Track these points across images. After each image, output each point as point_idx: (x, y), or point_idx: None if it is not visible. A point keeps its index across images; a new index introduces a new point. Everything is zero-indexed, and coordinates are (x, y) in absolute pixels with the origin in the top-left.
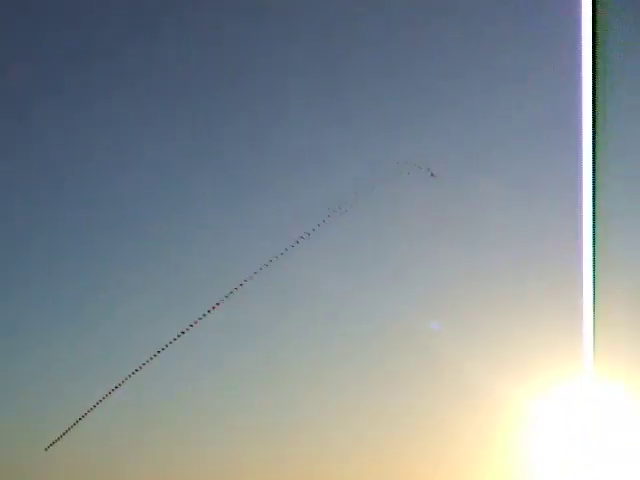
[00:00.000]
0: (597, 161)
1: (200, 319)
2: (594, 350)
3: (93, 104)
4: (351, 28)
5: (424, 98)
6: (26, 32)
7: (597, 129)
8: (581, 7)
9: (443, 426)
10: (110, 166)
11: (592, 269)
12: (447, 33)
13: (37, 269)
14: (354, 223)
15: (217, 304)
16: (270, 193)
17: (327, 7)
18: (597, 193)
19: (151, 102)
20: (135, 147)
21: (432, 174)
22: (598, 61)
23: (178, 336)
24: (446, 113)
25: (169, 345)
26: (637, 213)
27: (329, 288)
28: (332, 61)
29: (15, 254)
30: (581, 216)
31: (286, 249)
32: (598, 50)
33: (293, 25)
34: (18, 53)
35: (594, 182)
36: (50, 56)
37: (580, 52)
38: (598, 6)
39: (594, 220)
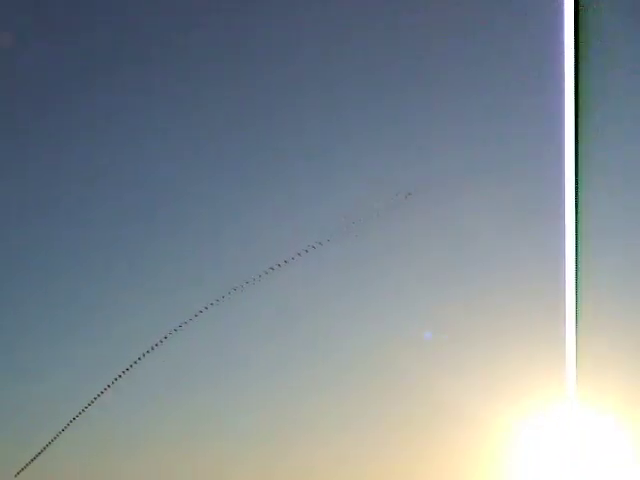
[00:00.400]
0: (580, 186)
1: (185, 323)
2: (577, 374)
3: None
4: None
5: (409, 120)
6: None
7: (580, 152)
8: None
9: (422, 452)
10: (108, 176)
11: (575, 292)
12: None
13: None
14: (349, 244)
15: (199, 312)
16: (262, 209)
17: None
18: (580, 219)
19: (150, 107)
20: (136, 152)
21: (409, 194)
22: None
23: (152, 348)
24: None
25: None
26: (618, 237)
27: (325, 302)
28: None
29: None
30: (564, 240)
31: (278, 265)
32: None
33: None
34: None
35: (577, 209)
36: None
37: (563, 72)
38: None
39: (577, 245)
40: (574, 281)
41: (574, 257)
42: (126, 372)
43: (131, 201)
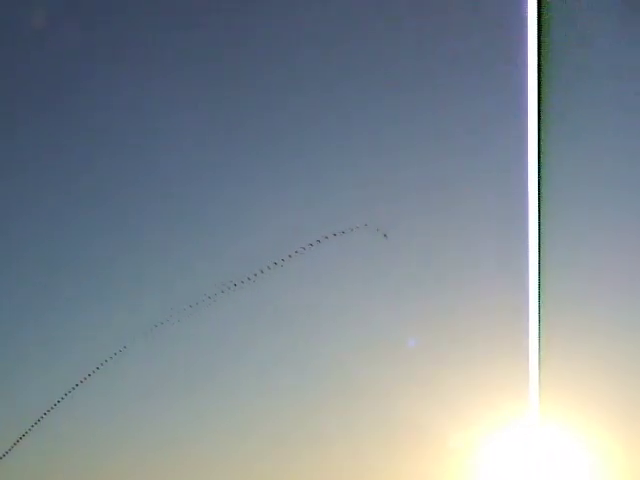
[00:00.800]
0: (542, 199)
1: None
2: (540, 392)
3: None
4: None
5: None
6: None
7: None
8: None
9: (382, 470)
10: (106, 176)
11: (538, 310)
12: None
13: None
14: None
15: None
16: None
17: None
18: (543, 236)
19: (150, 107)
20: (136, 153)
21: (385, 235)
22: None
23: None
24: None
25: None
26: (579, 258)
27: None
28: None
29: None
30: (527, 259)
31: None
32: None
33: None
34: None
35: (540, 227)
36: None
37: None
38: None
39: (540, 264)
40: (537, 296)
41: (537, 275)
42: (100, 369)
43: (129, 199)
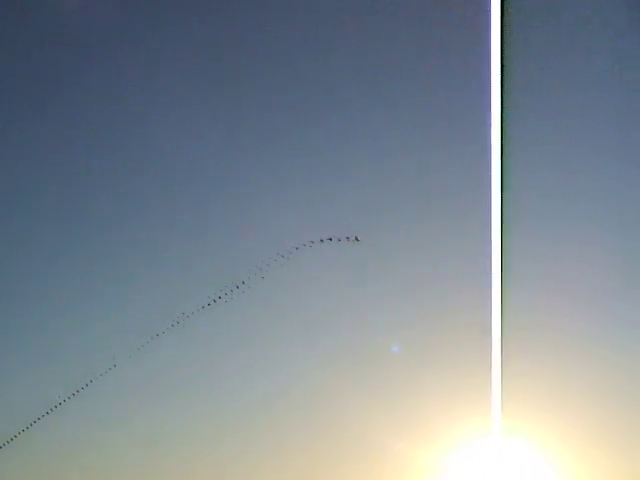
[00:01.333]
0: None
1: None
2: (502, 409)
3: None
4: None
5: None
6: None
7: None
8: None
9: None
10: (111, 175)
11: (500, 326)
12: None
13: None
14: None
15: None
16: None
17: None
18: (504, 258)
19: (150, 111)
20: (136, 153)
21: (356, 238)
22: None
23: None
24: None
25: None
26: (538, 279)
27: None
28: None
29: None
30: (490, 274)
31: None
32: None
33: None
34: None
35: (502, 246)
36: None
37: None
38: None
39: (502, 279)
40: (499, 313)
41: (500, 292)
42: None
43: (129, 199)
